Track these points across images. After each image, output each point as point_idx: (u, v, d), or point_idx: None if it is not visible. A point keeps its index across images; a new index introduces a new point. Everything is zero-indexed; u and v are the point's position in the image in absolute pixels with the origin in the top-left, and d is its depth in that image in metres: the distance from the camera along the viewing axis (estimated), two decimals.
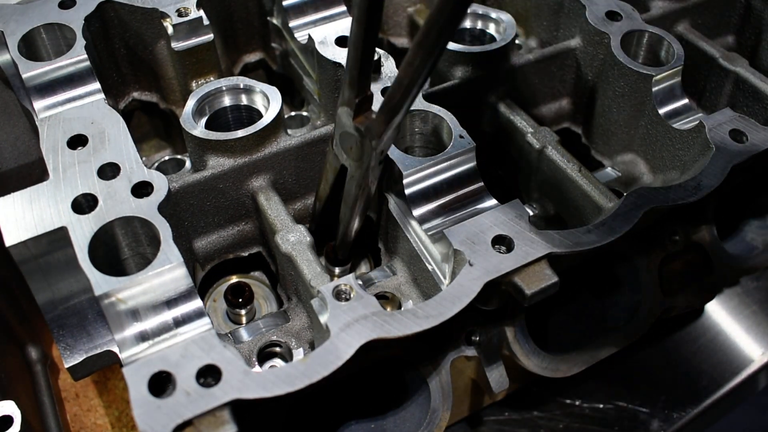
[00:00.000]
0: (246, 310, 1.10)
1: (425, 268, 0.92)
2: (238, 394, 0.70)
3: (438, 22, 0.66)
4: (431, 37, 0.67)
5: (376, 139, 0.82)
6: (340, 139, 0.88)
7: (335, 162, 0.92)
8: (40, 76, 1.01)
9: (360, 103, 0.82)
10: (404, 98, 0.75)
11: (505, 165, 1.21)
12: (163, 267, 0.79)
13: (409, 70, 0.72)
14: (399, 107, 0.76)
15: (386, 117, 0.79)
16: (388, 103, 0.78)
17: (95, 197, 0.87)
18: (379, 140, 0.81)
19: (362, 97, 0.82)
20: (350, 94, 0.82)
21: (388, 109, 0.78)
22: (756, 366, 1.22)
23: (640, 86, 1.10)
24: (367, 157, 0.85)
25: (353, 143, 0.86)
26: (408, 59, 0.71)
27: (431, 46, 0.68)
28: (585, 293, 1.08)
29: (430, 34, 0.67)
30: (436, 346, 0.92)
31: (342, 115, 0.85)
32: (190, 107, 1.02)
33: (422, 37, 0.68)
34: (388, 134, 0.81)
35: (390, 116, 0.78)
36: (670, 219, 1.03)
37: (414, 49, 0.70)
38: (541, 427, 1.13)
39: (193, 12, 1.13)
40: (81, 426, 1.15)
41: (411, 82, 0.72)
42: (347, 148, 0.87)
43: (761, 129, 0.99)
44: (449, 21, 0.66)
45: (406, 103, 0.76)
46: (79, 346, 0.91)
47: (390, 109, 0.77)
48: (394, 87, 0.75)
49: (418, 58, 0.70)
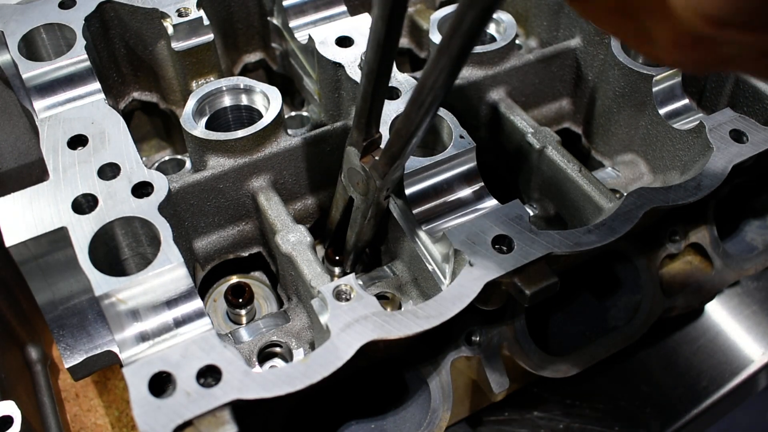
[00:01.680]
0: (246, 311, 1.10)
1: (425, 269, 0.92)
2: (238, 394, 0.70)
3: (431, 83, 0.69)
4: (425, 95, 0.71)
5: (380, 179, 0.86)
6: (348, 173, 0.92)
7: (344, 192, 0.96)
8: (40, 76, 1.01)
9: (367, 145, 0.86)
10: (404, 147, 0.80)
11: (505, 165, 1.21)
12: (163, 267, 0.79)
13: (407, 122, 0.76)
14: (399, 154, 0.81)
15: (388, 161, 0.83)
16: (389, 150, 0.82)
17: (95, 197, 0.87)
18: (383, 181, 0.86)
19: (370, 140, 0.86)
20: (358, 137, 0.86)
21: (389, 155, 0.83)
22: (756, 366, 1.22)
23: (640, 86, 1.10)
24: (372, 194, 0.89)
25: (360, 180, 0.90)
26: (405, 112, 0.75)
27: (427, 104, 0.72)
28: (585, 293, 1.08)
29: (423, 91, 0.71)
30: (436, 347, 0.92)
31: (350, 154, 0.89)
32: (190, 107, 1.02)
33: (417, 94, 0.71)
34: (391, 176, 0.85)
35: (391, 161, 0.83)
36: (670, 219, 1.03)
37: (410, 105, 0.74)
38: (542, 427, 1.13)
39: (193, 12, 1.13)
40: (81, 426, 1.15)
41: (409, 133, 0.77)
42: (354, 183, 0.92)
43: (761, 129, 0.99)
44: (443, 85, 0.69)
45: (406, 151, 0.80)
46: (79, 347, 0.91)
47: (391, 155, 0.82)
48: (393, 137, 0.80)
49: (413, 113, 0.74)
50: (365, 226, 0.96)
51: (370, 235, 0.98)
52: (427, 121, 0.75)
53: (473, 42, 0.63)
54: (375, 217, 0.94)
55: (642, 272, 1.04)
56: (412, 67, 1.47)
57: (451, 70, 0.67)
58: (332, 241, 1.09)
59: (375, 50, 0.75)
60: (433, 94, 0.70)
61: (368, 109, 0.82)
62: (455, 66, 0.67)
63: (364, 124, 0.84)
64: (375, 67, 0.77)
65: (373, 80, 0.79)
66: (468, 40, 0.63)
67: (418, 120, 0.74)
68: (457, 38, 0.63)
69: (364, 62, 0.78)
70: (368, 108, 0.82)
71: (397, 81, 1.05)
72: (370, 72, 0.78)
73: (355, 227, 0.97)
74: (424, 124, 0.75)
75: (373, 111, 0.83)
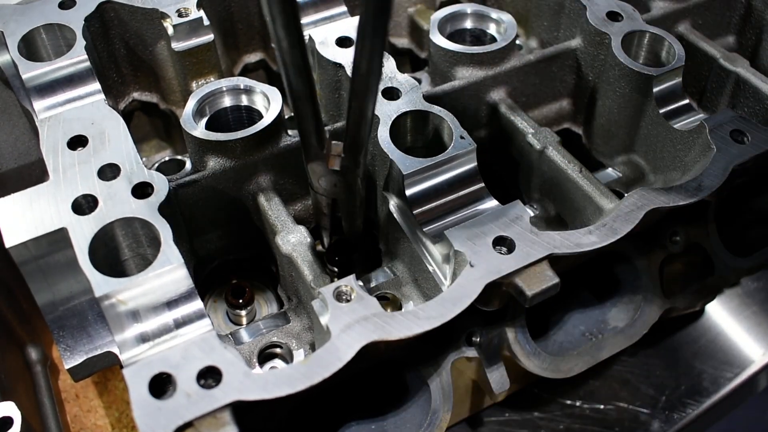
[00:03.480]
0: (246, 311, 1.10)
1: (426, 269, 0.92)
2: (238, 395, 0.69)
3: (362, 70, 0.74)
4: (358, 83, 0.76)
5: (358, 168, 0.87)
6: (321, 183, 0.92)
7: (324, 201, 0.95)
8: (40, 76, 1.01)
9: (326, 152, 0.87)
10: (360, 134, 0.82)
11: (505, 165, 1.21)
12: (163, 268, 0.79)
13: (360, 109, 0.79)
14: (362, 141, 0.83)
15: (356, 151, 0.85)
16: (353, 141, 0.84)
17: (95, 198, 0.86)
18: (358, 168, 0.87)
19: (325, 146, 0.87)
20: (317, 151, 0.87)
21: (355, 146, 0.84)
22: (756, 366, 1.22)
23: (640, 87, 1.10)
24: (354, 183, 0.90)
25: (336, 181, 0.90)
26: (348, 104, 0.80)
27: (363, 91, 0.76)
28: (585, 293, 1.08)
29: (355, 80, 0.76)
30: (436, 347, 0.92)
31: (315, 168, 0.90)
32: (190, 108, 1.02)
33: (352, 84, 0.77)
34: (362, 160, 0.87)
35: (358, 150, 0.85)
36: (670, 220, 1.03)
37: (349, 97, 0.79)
38: (542, 427, 1.13)
39: (194, 12, 1.13)
40: (81, 427, 1.15)
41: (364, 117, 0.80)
42: (331, 186, 0.91)
43: (762, 129, 0.99)
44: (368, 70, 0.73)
45: (366, 135, 0.83)
46: (79, 347, 0.91)
47: (356, 146, 0.84)
48: (351, 128, 0.82)
49: (354, 102, 0.78)
50: (359, 208, 0.95)
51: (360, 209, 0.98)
52: (371, 107, 0.78)
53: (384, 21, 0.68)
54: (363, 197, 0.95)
55: (642, 273, 1.04)
56: (413, 67, 1.47)
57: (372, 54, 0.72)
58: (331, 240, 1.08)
59: (298, 75, 0.76)
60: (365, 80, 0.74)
61: (315, 126, 0.83)
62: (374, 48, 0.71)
63: (316, 141, 0.85)
64: (307, 90, 0.78)
65: (308, 101, 0.79)
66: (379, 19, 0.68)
67: (367, 101, 0.77)
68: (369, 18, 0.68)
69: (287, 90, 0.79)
70: (314, 125, 0.83)
71: (398, 81, 1.05)
72: (302, 96, 0.79)
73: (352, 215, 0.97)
74: (368, 110, 0.78)
75: (318, 125, 0.84)
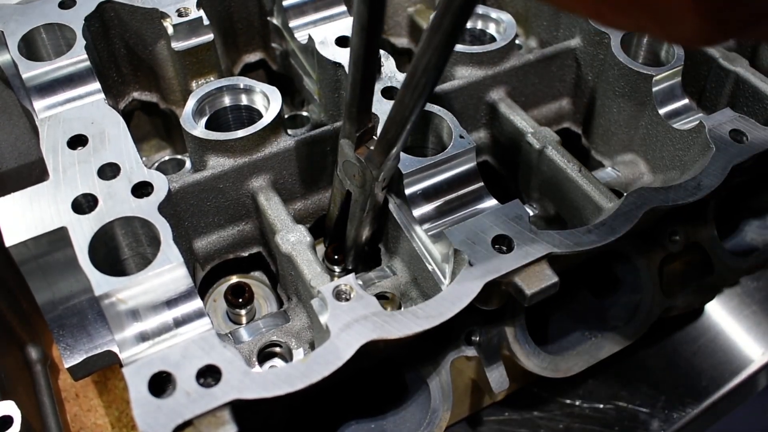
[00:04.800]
0: (246, 311, 1.10)
1: (425, 268, 0.92)
2: (238, 394, 0.70)
3: (424, 64, 0.68)
4: (418, 77, 0.70)
5: (376, 169, 0.86)
6: (343, 166, 0.91)
7: (341, 187, 0.96)
8: (40, 76, 1.01)
9: (360, 135, 0.85)
10: (398, 133, 0.79)
11: (504, 165, 1.21)
12: (163, 267, 0.79)
13: (401, 108, 0.75)
14: (394, 141, 0.80)
15: (383, 149, 0.83)
16: (384, 137, 0.81)
17: (95, 197, 0.87)
18: (380, 170, 0.85)
19: (363, 130, 0.85)
20: (351, 128, 0.85)
21: (385, 143, 0.82)
22: (756, 366, 1.22)
23: (640, 86, 1.10)
24: (369, 184, 0.89)
25: (356, 171, 0.89)
26: (399, 97, 0.75)
27: (421, 86, 0.71)
28: (585, 293, 1.08)
29: (416, 74, 0.70)
30: (436, 346, 0.92)
31: (344, 146, 0.88)
32: (190, 107, 1.02)
33: (410, 78, 0.71)
34: (387, 165, 0.85)
35: (387, 149, 0.82)
36: (670, 219, 1.03)
37: (403, 89, 0.73)
38: (542, 427, 1.13)
39: (193, 12, 1.13)
40: (81, 426, 1.15)
41: (403, 119, 0.76)
42: (351, 176, 0.91)
43: (761, 129, 0.99)
44: (435, 65, 0.68)
45: (401, 138, 0.80)
46: (79, 347, 0.91)
47: (386, 142, 0.81)
48: (387, 123, 0.79)
49: (407, 97, 0.73)
50: (364, 220, 0.95)
51: (370, 230, 0.98)
52: (421, 105, 0.74)
53: (465, 18, 0.62)
54: (373, 210, 0.94)
55: (642, 272, 1.04)
56: None
57: (444, 50, 0.66)
58: (332, 240, 1.09)
59: (359, 35, 0.73)
60: (426, 75, 0.70)
61: (358, 97, 0.81)
62: (448, 45, 0.65)
63: (355, 114, 0.83)
64: (361, 53, 0.75)
65: (360, 67, 0.77)
66: (460, 17, 0.62)
67: (412, 104, 0.74)
68: (449, 15, 0.62)
69: (350, 50, 0.77)
70: (358, 96, 0.81)
71: (397, 81, 1.05)
72: (357, 58, 0.76)
73: (354, 221, 0.97)
74: (418, 108, 0.74)
75: (363, 99, 0.81)
